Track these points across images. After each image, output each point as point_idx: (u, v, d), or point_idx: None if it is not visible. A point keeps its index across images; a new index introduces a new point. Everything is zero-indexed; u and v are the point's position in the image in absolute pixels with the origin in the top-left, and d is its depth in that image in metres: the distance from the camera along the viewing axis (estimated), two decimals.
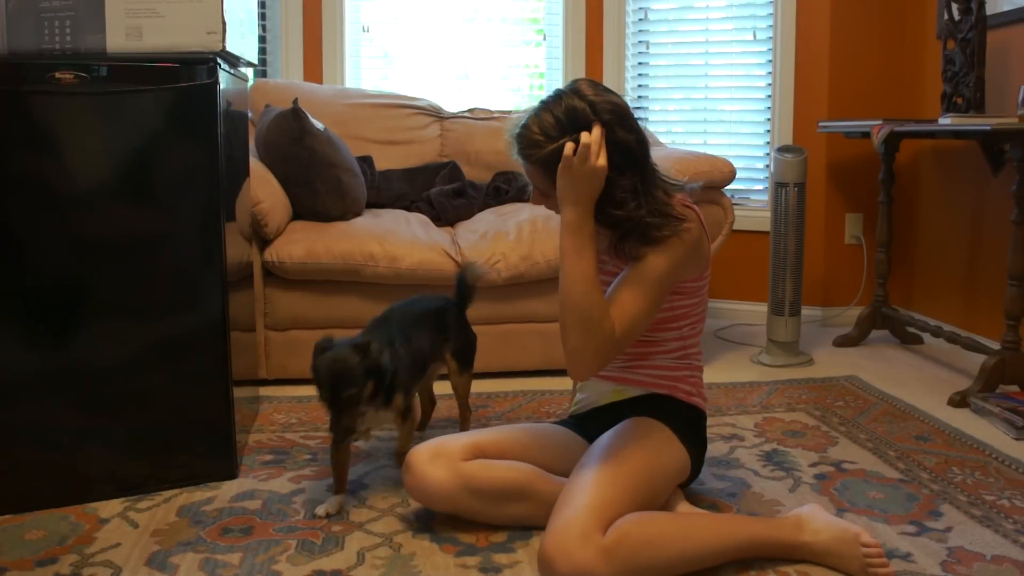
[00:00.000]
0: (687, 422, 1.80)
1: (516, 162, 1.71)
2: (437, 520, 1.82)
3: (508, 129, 1.70)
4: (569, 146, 1.58)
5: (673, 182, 1.73)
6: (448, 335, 2.16)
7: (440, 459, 1.72)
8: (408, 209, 3.28)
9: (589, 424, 1.86)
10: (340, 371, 1.74)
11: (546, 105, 1.64)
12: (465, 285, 2.25)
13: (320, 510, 1.83)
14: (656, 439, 1.73)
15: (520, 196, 3.36)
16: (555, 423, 1.96)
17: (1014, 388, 2.60)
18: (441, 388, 2.68)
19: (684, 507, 1.79)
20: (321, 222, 2.89)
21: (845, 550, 1.59)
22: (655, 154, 1.75)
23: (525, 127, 1.65)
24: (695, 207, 1.73)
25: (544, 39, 3.92)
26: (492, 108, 3.68)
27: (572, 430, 1.89)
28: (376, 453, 2.21)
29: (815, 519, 1.66)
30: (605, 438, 1.72)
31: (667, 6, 3.82)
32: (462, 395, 2.25)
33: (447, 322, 2.17)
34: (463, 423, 2.27)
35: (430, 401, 2.36)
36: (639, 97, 3.90)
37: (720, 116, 3.82)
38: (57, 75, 1.82)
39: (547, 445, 1.82)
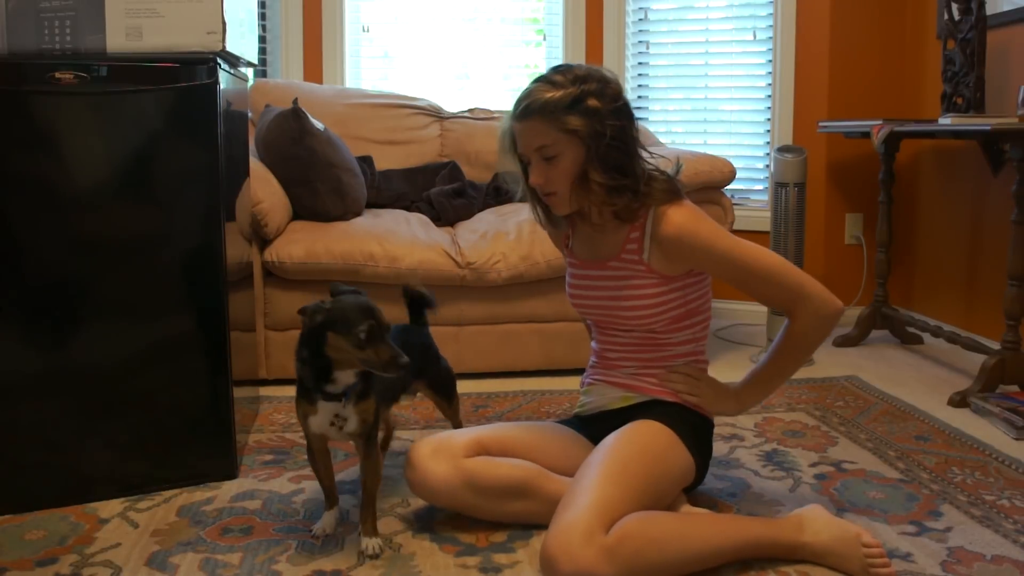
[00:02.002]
0: (693, 428, 1.79)
1: (510, 151, 1.75)
2: (437, 520, 1.82)
3: (504, 119, 1.75)
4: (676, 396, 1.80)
5: (655, 167, 1.77)
6: (420, 371, 1.97)
7: (442, 455, 1.72)
8: (408, 209, 3.28)
9: (595, 426, 1.85)
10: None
11: (543, 76, 1.71)
12: (419, 297, 2.01)
13: (317, 530, 1.77)
14: (662, 443, 1.72)
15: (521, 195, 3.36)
16: (559, 422, 1.96)
17: (1014, 388, 2.60)
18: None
19: (685, 509, 1.79)
20: (321, 222, 2.89)
21: (846, 550, 1.59)
22: (655, 153, 1.76)
23: (530, 92, 1.68)
24: (689, 202, 1.76)
25: (544, 39, 3.92)
26: (492, 108, 3.68)
27: (576, 430, 1.89)
28: None
29: (816, 519, 1.66)
30: (611, 439, 1.72)
31: (667, 6, 3.82)
32: (457, 424, 2.11)
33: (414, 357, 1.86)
34: None
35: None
36: (639, 97, 3.90)
37: (720, 116, 3.82)
38: (57, 75, 1.82)
39: (550, 443, 1.82)
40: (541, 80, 1.69)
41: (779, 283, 1.72)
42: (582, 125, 1.64)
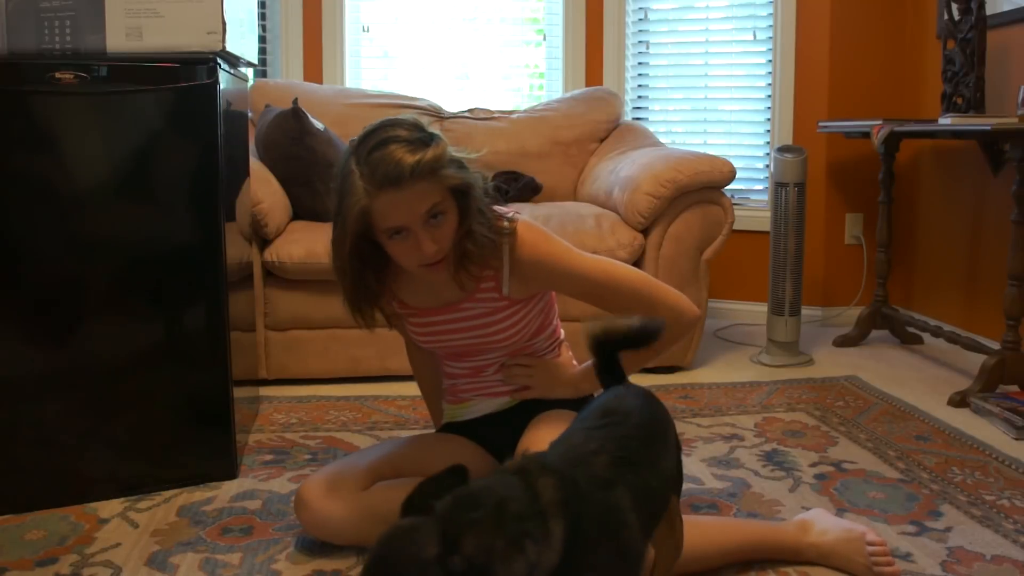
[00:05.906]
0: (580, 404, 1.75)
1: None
2: None
3: (358, 189, 1.48)
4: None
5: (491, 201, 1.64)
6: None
7: (338, 492, 1.65)
8: None
9: (483, 428, 1.83)
10: None
11: (392, 137, 1.50)
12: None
13: None
14: None
15: (521, 196, 3.36)
16: (438, 431, 1.92)
17: (1014, 388, 2.60)
18: None
19: None
20: (321, 222, 2.88)
21: (851, 550, 1.59)
22: (655, 153, 1.74)
23: (396, 159, 1.45)
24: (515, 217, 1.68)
25: (544, 39, 3.92)
26: (492, 108, 3.68)
27: (456, 434, 1.85)
28: None
29: (820, 521, 1.66)
30: (537, 429, 1.70)
31: (667, 6, 3.82)
32: None
33: None
34: None
35: None
36: (639, 97, 3.90)
37: (720, 116, 3.82)
38: (57, 75, 1.82)
39: (441, 453, 1.73)
40: (394, 143, 1.47)
41: (635, 296, 1.65)
42: (455, 176, 1.51)
